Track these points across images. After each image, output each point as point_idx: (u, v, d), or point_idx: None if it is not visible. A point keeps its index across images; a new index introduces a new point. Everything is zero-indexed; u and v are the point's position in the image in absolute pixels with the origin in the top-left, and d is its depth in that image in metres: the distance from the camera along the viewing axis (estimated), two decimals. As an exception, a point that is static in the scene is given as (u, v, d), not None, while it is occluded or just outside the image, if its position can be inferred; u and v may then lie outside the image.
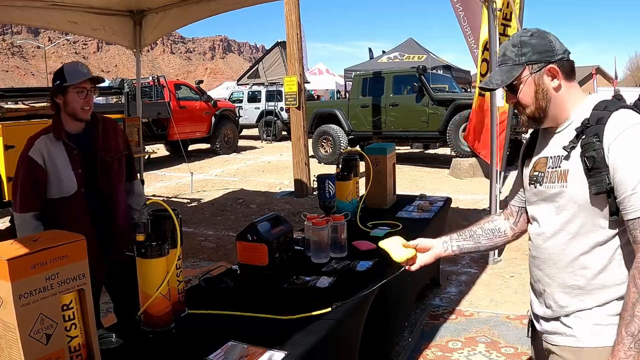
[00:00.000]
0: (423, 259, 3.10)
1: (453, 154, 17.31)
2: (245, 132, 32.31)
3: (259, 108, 31.70)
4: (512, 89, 2.63)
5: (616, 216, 2.36)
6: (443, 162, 19.02)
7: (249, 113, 32.10)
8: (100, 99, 22.69)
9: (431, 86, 18.47)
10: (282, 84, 20.58)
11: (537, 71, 2.54)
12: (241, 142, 28.02)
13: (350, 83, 23.28)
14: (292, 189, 14.38)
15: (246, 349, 2.80)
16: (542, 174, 2.62)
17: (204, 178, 17.72)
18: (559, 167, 2.53)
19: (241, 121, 29.22)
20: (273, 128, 30.59)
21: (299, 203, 13.06)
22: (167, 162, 21.91)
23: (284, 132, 30.89)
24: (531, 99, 2.58)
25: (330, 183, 5.28)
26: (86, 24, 9.19)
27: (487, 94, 9.60)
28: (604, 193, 2.35)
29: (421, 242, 3.12)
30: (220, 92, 40.42)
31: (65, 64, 4.22)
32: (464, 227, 3.16)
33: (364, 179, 5.95)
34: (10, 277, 2.12)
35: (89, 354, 2.52)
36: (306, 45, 26.59)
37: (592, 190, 2.38)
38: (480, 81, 10.13)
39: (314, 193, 13.76)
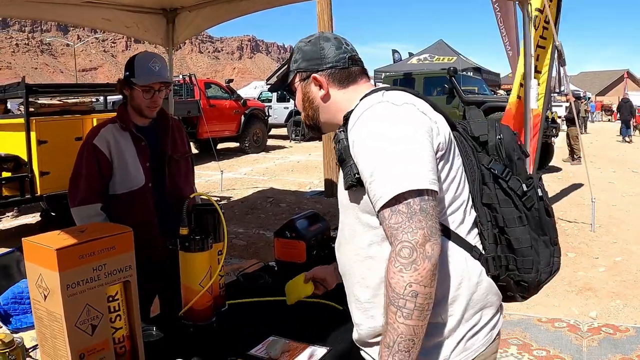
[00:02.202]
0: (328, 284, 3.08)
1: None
2: (273, 131, 32.31)
3: (288, 108, 31.74)
4: (292, 96, 2.57)
5: None
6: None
7: (278, 113, 32.16)
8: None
9: (462, 88, 18.39)
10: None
11: (304, 79, 2.43)
12: (270, 142, 28.10)
13: (380, 84, 23.21)
14: (322, 189, 14.40)
15: (288, 344, 2.78)
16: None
17: (234, 176, 17.77)
18: None
19: (270, 120, 29.29)
20: (302, 128, 30.59)
21: (329, 203, 13.05)
22: (197, 160, 21.93)
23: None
24: (301, 107, 2.51)
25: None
26: (119, 21, 9.25)
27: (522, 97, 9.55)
28: (354, 186, 2.11)
29: (316, 273, 3.09)
30: (248, 91, 40.49)
31: (139, 54, 4.06)
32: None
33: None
34: (58, 267, 2.12)
35: (133, 346, 2.51)
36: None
37: (343, 185, 2.17)
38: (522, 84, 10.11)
39: (344, 193, 13.74)
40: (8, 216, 12.84)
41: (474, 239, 2.22)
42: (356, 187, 2.11)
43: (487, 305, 2.24)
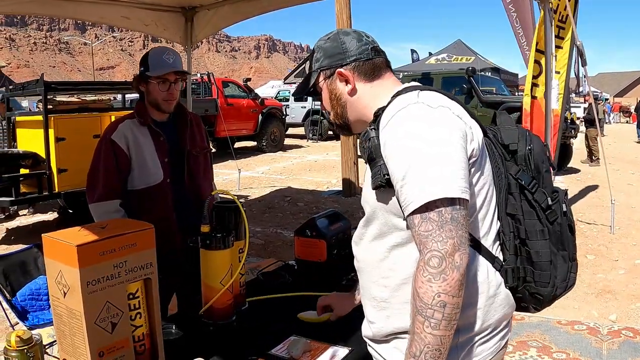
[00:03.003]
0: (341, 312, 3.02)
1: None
2: (291, 130, 32.39)
3: (305, 107, 31.75)
4: (318, 97, 2.51)
5: None
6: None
7: (295, 112, 32.18)
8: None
9: (480, 88, 18.35)
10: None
11: (329, 77, 2.38)
12: (287, 141, 28.16)
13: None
14: (340, 188, 14.41)
15: (309, 344, 2.76)
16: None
17: (251, 175, 17.79)
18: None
19: (287, 120, 29.37)
20: (319, 127, 30.62)
21: (347, 202, 13.04)
22: (214, 158, 21.77)
23: (329, 132, 30.92)
24: (329, 106, 2.45)
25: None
26: (138, 19, 9.27)
27: (541, 97, 9.51)
28: (383, 187, 2.05)
29: (332, 301, 3.05)
30: (265, 90, 40.52)
31: (152, 49, 4.05)
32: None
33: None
34: (79, 263, 2.10)
35: (152, 344, 2.50)
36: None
37: (371, 185, 2.10)
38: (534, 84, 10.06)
39: (363, 192, 13.75)
40: (25, 214, 12.88)
41: (496, 249, 2.20)
42: (384, 187, 2.05)
43: (502, 315, 2.23)
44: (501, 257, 2.20)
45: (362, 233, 2.34)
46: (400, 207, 2.00)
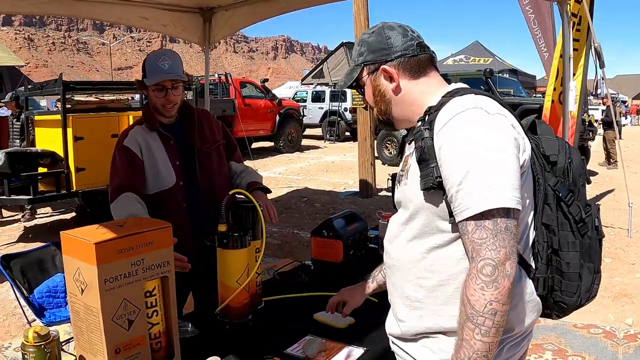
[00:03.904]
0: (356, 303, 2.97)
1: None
2: (308, 131, 32.38)
3: (322, 108, 31.78)
4: (361, 91, 2.46)
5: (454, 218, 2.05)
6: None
7: (312, 113, 32.19)
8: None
9: (497, 90, 18.27)
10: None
11: (373, 72, 2.33)
12: (304, 142, 28.17)
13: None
14: (357, 189, 14.39)
15: (325, 344, 2.77)
16: (402, 173, 2.33)
17: (268, 176, 17.77)
18: (408, 163, 2.26)
19: (305, 120, 29.39)
20: (336, 128, 30.62)
21: (364, 203, 13.03)
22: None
23: (347, 133, 30.93)
24: (372, 102, 2.40)
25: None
26: (156, 20, 9.28)
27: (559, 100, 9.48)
28: (433, 189, 2.04)
29: (345, 297, 3.00)
30: (282, 91, 40.58)
31: (151, 53, 4.03)
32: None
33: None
34: (97, 261, 2.12)
35: (169, 342, 2.51)
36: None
37: (420, 185, 2.08)
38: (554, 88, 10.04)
39: (379, 194, 13.72)
40: (46, 213, 12.95)
41: (530, 258, 2.21)
42: (434, 190, 2.05)
43: (531, 321, 2.24)
44: (533, 266, 2.21)
45: (399, 231, 2.33)
46: (450, 211, 2.02)
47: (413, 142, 2.17)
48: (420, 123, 2.17)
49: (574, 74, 9.94)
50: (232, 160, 4.38)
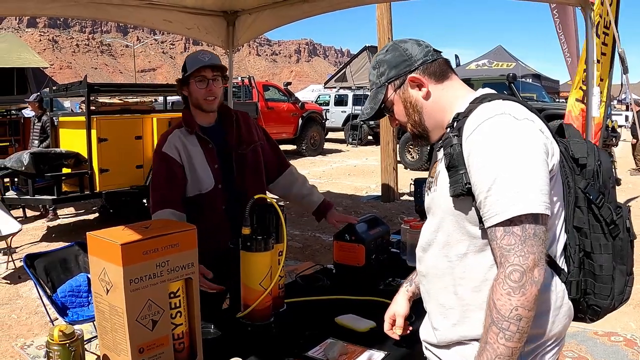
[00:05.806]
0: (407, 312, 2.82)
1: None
2: (330, 135, 32.38)
3: (345, 112, 31.78)
4: (389, 112, 2.46)
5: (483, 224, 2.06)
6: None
7: (335, 116, 32.22)
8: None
9: (520, 95, 18.19)
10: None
11: (399, 86, 2.34)
12: (326, 145, 28.15)
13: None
14: (379, 193, 14.36)
15: (346, 347, 2.77)
16: (432, 180, 2.36)
17: (290, 179, 17.76)
18: (437, 169, 2.29)
19: (327, 124, 29.37)
20: (359, 132, 30.59)
21: (385, 207, 13.02)
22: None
23: (369, 137, 30.90)
24: (404, 117, 2.39)
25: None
26: (180, 23, 9.30)
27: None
28: (463, 195, 2.07)
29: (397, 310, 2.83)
30: (305, 94, 40.64)
31: (190, 53, 4.09)
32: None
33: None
34: (122, 261, 2.15)
35: (191, 343, 2.53)
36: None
37: (450, 192, 2.11)
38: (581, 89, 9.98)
39: (402, 198, 13.69)
40: (70, 214, 13.03)
41: (562, 261, 2.21)
42: (464, 196, 2.08)
43: (563, 326, 2.24)
44: (566, 269, 2.21)
45: (431, 239, 2.34)
46: (479, 217, 2.04)
47: (442, 149, 2.17)
48: (448, 130, 2.18)
49: (601, 79, 9.89)
50: (280, 163, 4.45)
